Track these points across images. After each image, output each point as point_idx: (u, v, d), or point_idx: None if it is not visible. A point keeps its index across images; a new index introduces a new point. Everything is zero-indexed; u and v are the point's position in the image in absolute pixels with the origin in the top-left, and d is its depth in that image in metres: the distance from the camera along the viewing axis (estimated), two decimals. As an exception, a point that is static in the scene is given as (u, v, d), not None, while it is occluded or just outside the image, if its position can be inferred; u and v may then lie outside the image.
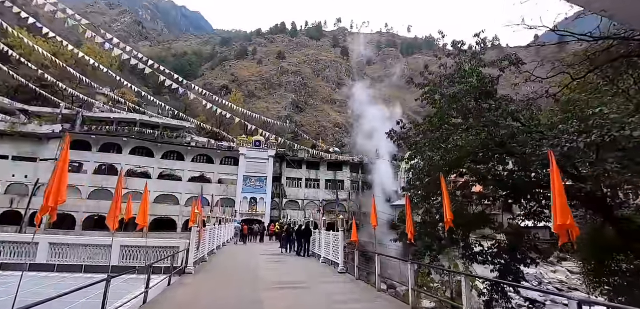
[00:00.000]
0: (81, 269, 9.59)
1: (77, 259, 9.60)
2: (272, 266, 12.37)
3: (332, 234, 12.69)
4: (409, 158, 15.86)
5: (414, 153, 15.36)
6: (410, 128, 15.60)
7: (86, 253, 9.73)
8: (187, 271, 9.69)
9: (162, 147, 40.04)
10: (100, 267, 9.64)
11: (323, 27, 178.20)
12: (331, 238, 12.64)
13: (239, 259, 14.17)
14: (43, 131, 36.96)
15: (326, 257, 13.40)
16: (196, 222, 10.00)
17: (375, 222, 10.83)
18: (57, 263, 9.56)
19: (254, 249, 18.88)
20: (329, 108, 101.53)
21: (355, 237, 10.48)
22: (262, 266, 12.05)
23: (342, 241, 11.35)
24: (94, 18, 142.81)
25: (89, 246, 9.85)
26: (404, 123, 15.52)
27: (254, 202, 39.84)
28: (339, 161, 45.93)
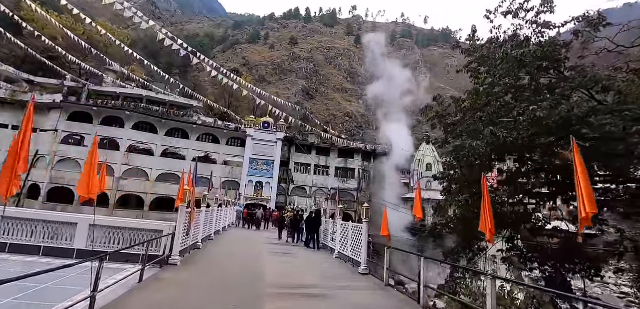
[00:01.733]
0: (39, 252, 7.54)
1: (35, 239, 7.55)
2: (278, 261, 10.20)
3: (352, 225, 10.42)
4: (444, 142, 13.42)
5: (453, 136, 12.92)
6: (449, 105, 13.10)
7: (48, 232, 7.66)
8: (171, 261, 7.59)
9: (166, 124, 38.25)
10: (64, 251, 7.58)
11: (338, 15, 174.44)
12: (351, 230, 10.38)
13: (238, 248, 12.06)
14: (44, 101, 35.48)
15: (342, 252, 11.19)
16: (185, 201, 7.85)
17: (387, 232, 8.52)
18: (9, 241, 7.54)
19: (256, 236, 16.77)
20: (340, 97, 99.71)
21: (387, 231, 8.16)
22: (266, 260, 9.90)
23: (367, 235, 9.08)
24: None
25: (51, 223, 7.77)
26: (442, 98, 13.03)
27: (260, 186, 37.89)
28: (351, 148, 43.45)
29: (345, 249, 10.82)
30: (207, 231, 12.26)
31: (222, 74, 19.88)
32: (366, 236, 9.07)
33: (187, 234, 8.71)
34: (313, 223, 13.68)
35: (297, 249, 13.21)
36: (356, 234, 9.82)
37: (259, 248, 12.43)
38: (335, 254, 11.68)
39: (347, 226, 10.82)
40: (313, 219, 13.75)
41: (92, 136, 34.91)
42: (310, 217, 14.14)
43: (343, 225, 11.26)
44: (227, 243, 13.17)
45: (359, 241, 9.52)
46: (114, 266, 7.40)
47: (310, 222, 13.85)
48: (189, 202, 8.73)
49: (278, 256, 11.00)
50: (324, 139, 42.77)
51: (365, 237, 9.07)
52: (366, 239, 9.05)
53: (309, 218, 14.08)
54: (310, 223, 13.87)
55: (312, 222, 13.81)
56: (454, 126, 12.96)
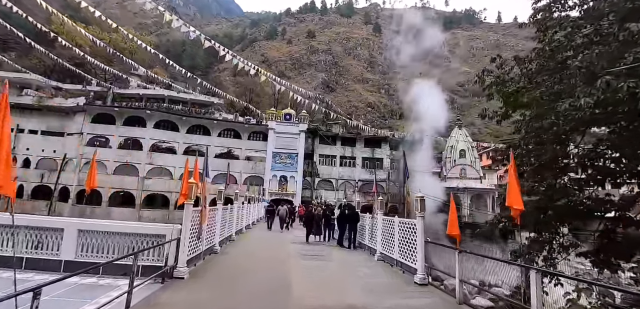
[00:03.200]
0: (21, 265, 6.12)
1: (18, 248, 6.14)
2: (309, 267, 8.31)
3: (400, 221, 8.32)
4: (503, 116, 10.97)
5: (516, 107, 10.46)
6: (511, 68, 10.56)
7: (31, 241, 6.23)
8: (177, 274, 5.92)
9: (187, 121, 37.70)
10: (49, 263, 6.11)
11: (354, 4, 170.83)
12: (398, 227, 8.29)
13: (261, 251, 10.31)
14: (69, 105, 35.97)
15: (386, 253, 9.15)
16: (191, 197, 6.14)
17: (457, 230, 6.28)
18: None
19: (282, 236, 15.00)
20: (361, 88, 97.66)
21: (456, 229, 5.98)
22: (294, 266, 8.05)
23: (423, 234, 6.96)
24: (131, 5, 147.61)
25: (34, 230, 6.34)
26: (503, 59, 10.51)
27: (284, 181, 36.41)
28: (378, 137, 40.88)
29: (390, 251, 8.76)
30: (227, 231, 10.64)
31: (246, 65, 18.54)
32: (422, 235, 6.96)
33: (198, 237, 7.04)
34: (348, 219, 11.71)
35: (329, 249, 11.32)
36: (407, 233, 7.72)
37: (286, 250, 10.64)
38: (376, 256, 9.66)
39: (392, 223, 8.73)
40: (348, 214, 11.76)
41: (115, 136, 35.01)
42: (343, 212, 12.16)
43: (386, 221, 9.18)
44: (249, 245, 11.52)
45: (411, 241, 7.43)
46: (106, 282, 5.85)
47: (344, 218, 11.89)
48: (198, 200, 7.06)
49: (309, 260, 9.13)
50: (348, 129, 40.51)
51: (421, 236, 6.97)
52: (422, 239, 6.94)
53: (343, 213, 12.10)
54: (344, 219, 11.90)
55: (346, 218, 11.84)
56: (516, 94, 10.44)
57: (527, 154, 9.78)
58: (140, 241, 6.32)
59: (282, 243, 12.17)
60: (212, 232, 8.42)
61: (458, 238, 5.96)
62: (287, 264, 8.21)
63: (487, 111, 11.17)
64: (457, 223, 5.91)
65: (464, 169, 42.92)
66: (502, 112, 10.86)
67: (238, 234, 13.33)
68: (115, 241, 6.40)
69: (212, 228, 8.48)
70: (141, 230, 6.33)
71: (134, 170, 34.19)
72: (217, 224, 8.95)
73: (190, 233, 6.39)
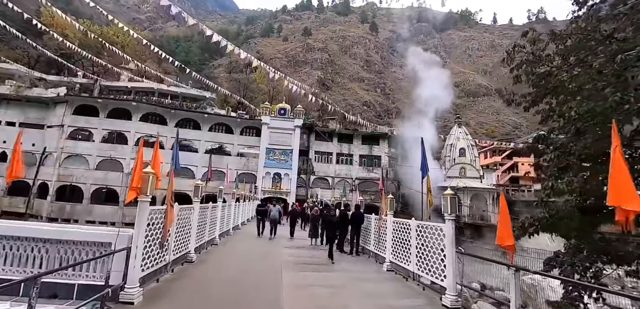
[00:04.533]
0: None
1: None
2: (309, 283, 6.65)
3: (419, 225, 6.74)
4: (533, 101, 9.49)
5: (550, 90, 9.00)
6: (545, 45, 9.05)
7: None
8: (124, 298, 4.26)
9: (176, 114, 35.69)
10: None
11: (351, 3, 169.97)
12: (415, 232, 6.70)
13: (248, 260, 8.61)
14: (49, 96, 33.69)
15: (398, 263, 7.58)
16: (146, 192, 4.48)
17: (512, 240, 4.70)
18: None
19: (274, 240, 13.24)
20: (357, 86, 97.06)
21: (510, 239, 4.35)
22: (288, 281, 6.40)
23: (454, 241, 5.39)
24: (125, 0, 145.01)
25: None
26: (537, 34, 8.99)
27: (278, 178, 34.64)
28: (376, 134, 39.29)
29: (404, 260, 7.17)
30: (208, 234, 8.96)
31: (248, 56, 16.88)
32: (453, 244, 5.39)
33: (161, 246, 5.37)
34: (353, 222, 10.11)
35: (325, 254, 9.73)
36: (429, 240, 6.14)
37: (279, 256, 8.99)
38: (385, 265, 8.07)
39: (407, 227, 7.14)
40: (353, 216, 10.15)
41: (98, 129, 32.84)
42: (345, 214, 10.54)
43: (400, 224, 7.59)
44: (236, 250, 9.83)
45: (435, 251, 5.86)
46: None
47: (347, 221, 10.28)
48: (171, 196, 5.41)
49: (307, 272, 7.49)
50: (346, 125, 38.89)
51: (451, 245, 5.39)
52: (453, 250, 5.37)
53: (345, 215, 10.48)
54: (346, 222, 10.30)
55: (348, 220, 10.24)
56: (548, 76, 8.94)
57: (565, 145, 8.29)
58: (77, 251, 4.64)
59: (273, 248, 10.50)
60: (184, 237, 6.75)
61: (512, 251, 4.39)
62: (279, 278, 6.56)
63: (514, 96, 9.66)
64: (511, 230, 4.33)
65: (464, 168, 41.75)
66: (531, 97, 9.36)
67: (224, 236, 11.65)
68: (42, 250, 4.69)
69: (185, 232, 6.81)
70: (75, 236, 4.62)
71: (118, 165, 32.15)
72: (193, 226, 7.27)
73: (147, 240, 4.73)
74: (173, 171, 5.90)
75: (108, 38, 46.77)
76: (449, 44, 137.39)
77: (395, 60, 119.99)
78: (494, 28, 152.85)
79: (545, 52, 8.55)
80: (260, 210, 13.86)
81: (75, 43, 38.03)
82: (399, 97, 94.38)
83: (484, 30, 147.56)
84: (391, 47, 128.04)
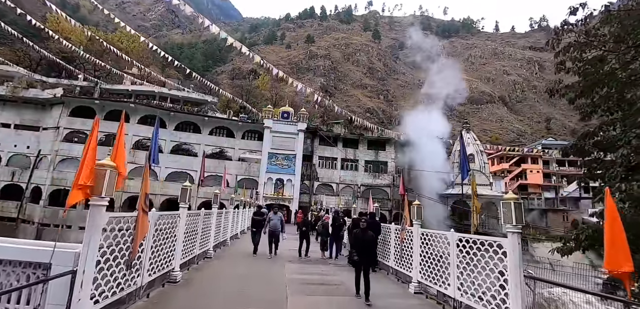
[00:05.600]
0: None
1: None
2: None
3: (460, 238, 5.34)
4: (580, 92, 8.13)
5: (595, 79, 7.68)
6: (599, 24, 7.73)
7: None
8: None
9: (175, 117, 34.56)
10: None
11: (353, 11, 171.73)
12: (454, 248, 5.31)
13: (246, 278, 7.20)
14: (45, 97, 32.70)
15: (430, 285, 6.17)
16: (103, 193, 3.14)
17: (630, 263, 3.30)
18: None
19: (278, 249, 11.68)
20: (360, 93, 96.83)
21: (628, 264, 2.98)
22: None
23: (520, 264, 4.00)
24: (130, 8, 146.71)
25: None
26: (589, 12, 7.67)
27: (280, 184, 33.25)
28: (382, 139, 37.91)
29: (439, 281, 5.76)
30: (198, 246, 7.59)
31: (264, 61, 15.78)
32: (519, 267, 4.00)
33: (129, 265, 4.02)
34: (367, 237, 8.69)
35: (339, 272, 8.33)
36: (482, 259, 4.74)
37: (281, 274, 7.59)
38: (412, 286, 6.66)
39: (444, 239, 5.75)
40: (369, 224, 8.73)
41: (95, 132, 31.72)
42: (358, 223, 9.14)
43: (432, 237, 6.19)
44: (232, 264, 8.43)
45: (492, 274, 4.46)
46: None
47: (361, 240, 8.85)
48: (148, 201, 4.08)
49: (317, 295, 6.09)
50: (351, 129, 37.58)
51: (516, 269, 4.01)
52: (519, 274, 3.99)
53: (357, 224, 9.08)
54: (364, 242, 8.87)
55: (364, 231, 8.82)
56: (600, 63, 7.60)
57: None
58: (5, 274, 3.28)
59: (274, 263, 9.09)
60: (166, 251, 5.39)
61: (627, 280, 3.00)
62: (284, 306, 5.17)
63: (558, 85, 8.29)
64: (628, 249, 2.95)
65: (473, 174, 40.13)
66: (579, 88, 7.99)
67: (220, 247, 10.27)
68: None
69: (168, 245, 5.45)
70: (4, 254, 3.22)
71: (115, 169, 30.92)
72: (178, 238, 5.91)
73: (105, 259, 3.40)
74: (148, 168, 4.57)
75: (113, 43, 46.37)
76: (451, 52, 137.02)
77: (398, 68, 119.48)
78: (496, 36, 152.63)
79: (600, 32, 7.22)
80: (257, 220, 10.31)
81: (80, 48, 37.49)
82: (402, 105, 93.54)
83: (486, 38, 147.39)
84: (394, 54, 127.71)
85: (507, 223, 4.11)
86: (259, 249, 10.05)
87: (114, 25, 61.49)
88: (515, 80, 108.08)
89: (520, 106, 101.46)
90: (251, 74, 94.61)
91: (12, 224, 29.15)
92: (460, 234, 5.34)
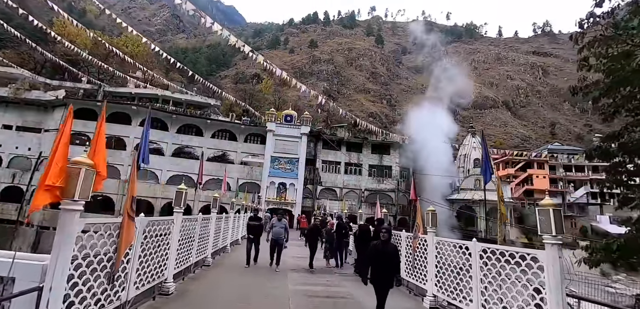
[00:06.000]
0: None
1: None
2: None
3: (484, 249, 4.78)
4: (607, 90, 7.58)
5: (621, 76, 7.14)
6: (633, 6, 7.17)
7: None
8: None
9: (178, 120, 34.26)
10: None
11: (356, 17, 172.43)
12: (477, 260, 4.75)
13: (245, 291, 6.66)
14: (47, 99, 32.56)
15: (446, 299, 5.59)
16: (76, 195, 2.65)
17: None
18: None
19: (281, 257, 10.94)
20: (363, 98, 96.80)
21: None
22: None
23: (561, 281, 3.44)
24: (136, 13, 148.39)
25: None
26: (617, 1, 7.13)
27: (283, 188, 32.72)
28: (386, 143, 37.30)
29: (459, 296, 5.18)
30: (194, 253, 7.08)
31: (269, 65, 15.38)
32: (560, 285, 3.44)
33: (111, 278, 3.52)
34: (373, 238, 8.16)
35: (346, 284, 7.78)
36: (511, 274, 4.17)
37: (283, 287, 7.05)
38: (427, 301, 6.08)
39: (464, 250, 5.19)
40: (376, 231, 8.22)
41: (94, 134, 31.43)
42: (366, 229, 8.63)
43: (450, 246, 5.63)
44: (231, 274, 7.90)
45: (525, 292, 3.90)
46: None
47: (367, 237, 8.35)
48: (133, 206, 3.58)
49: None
50: (355, 133, 37.03)
51: (557, 287, 3.44)
52: (561, 293, 3.43)
53: (365, 230, 8.57)
54: (366, 237, 8.36)
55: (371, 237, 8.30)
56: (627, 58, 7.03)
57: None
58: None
59: (277, 273, 8.53)
60: (158, 260, 4.88)
61: None
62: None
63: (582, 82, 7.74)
64: None
65: (479, 179, 39.37)
66: (604, 86, 7.43)
67: (220, 254, 9.75)
68: None
69: (160, 254, 4.94)
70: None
71: (116, 171, 30.61)
72: (172, 245, 5.39)
73: (79, 272, 2.91)
74: (136, 169, 4.09)
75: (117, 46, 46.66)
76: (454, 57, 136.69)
77: (401, 73, 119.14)
78: (499, 41, 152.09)
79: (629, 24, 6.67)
80: (253, 226, 8.94)
81: (85, 51, 37.56)
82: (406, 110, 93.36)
83: (489, 43, 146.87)
84: (397, 59, 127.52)
85: (545, 233, 3.57)
86: (259, 259, 8.96)
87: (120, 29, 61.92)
88: (519, 85, 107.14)
89: (524, 110, 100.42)
90: (254, 78, 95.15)
91: (12, 227, 28.86)
92: (483, 243, 4.78)
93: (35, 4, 58.96)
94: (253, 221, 9.03)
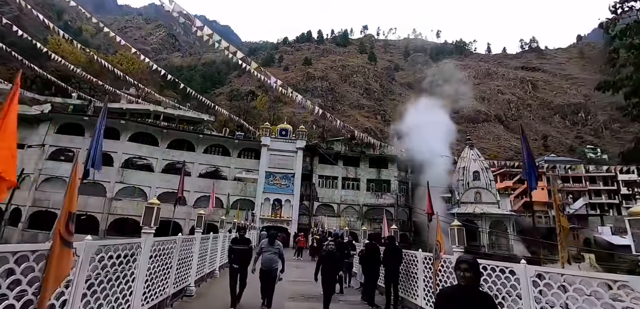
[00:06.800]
0: None
1: None
2: None
3: (533, 271, 3.72)
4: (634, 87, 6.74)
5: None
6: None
7: None
8: None
9: (168, 134, 32.98)
10: None
11: (349, 35, 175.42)
12: (528, 286, 3.68)
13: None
14: (32, 113, 31.16)
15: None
16: None
17: None
18: None
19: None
20: (358, 113, 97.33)
21: None
22: None
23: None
24: (132, 32, 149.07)
25: None
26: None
27: (278, 204, 31.36)
28: (384, 156, 36.40)
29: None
30: (173, 283, 5.88)
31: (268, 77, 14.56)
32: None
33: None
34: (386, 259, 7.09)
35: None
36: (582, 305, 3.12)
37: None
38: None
39: (510, 274, 4.13)
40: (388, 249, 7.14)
41: (82, 149, 29.81)
42: (374, 248, 7.53)
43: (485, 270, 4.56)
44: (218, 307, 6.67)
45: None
46: None
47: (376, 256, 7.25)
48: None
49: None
50: (352, 147, 36.13)
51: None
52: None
53: (373, 248, 7.47)
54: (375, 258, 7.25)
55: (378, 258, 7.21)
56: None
57: None
58: None
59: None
60: (117, 296, 3.73)
61: None
62: None
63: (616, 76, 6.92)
64: None
65: (479, 192, 38.53)
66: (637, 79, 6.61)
67: (204, 280, 8.49)
68: None
69: (120, 286, 3.80)
70: None
71: (102, 189, 29.04)
72: (139, 274, 4.24)
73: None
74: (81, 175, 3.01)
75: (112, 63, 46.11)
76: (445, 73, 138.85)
77: (394, 89, 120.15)
78: (489, 57, 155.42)
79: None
80: (238, 251, 6.35)
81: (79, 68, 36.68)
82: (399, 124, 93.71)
83: (479, 59, 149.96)
84: (390, 75, 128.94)
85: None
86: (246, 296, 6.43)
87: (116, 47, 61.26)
88: (510, 99, 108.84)
89: (516, 124, 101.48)
90: (249, 95, 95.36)
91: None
92: (537, 267, 3.74)
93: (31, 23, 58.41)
94: (238, 245, 6.40)
